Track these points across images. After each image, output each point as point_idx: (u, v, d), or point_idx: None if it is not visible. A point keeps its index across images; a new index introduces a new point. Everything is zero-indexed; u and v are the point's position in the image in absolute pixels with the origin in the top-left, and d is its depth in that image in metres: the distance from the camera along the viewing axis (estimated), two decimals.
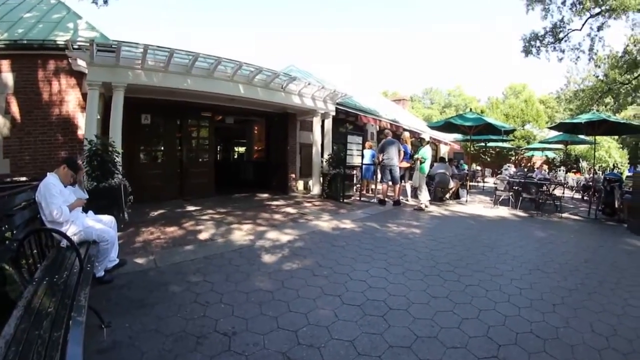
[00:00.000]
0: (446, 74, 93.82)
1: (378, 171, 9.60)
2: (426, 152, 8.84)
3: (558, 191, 11.31)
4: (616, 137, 26.63)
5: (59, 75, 6.98)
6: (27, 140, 6.79)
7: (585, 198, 11.91)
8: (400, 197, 9.25)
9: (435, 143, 20.53)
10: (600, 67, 20.40)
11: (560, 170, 19.50)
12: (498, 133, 12.21)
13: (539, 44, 17.67)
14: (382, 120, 14.79)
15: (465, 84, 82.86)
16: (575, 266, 4.55)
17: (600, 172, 18.30)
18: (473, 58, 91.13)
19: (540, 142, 21.29)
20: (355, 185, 10.57)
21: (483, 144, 22.06)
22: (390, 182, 8.97)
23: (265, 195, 10.21)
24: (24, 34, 6.96)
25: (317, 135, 10.39)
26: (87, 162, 5.43)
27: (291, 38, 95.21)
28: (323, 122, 10.61)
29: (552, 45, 17.47)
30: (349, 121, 13.58)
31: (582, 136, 13.43)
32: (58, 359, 1.49)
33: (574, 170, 21.30)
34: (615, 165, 25.87)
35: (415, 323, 2.86)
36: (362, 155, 9.84)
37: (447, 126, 12.15)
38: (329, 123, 10.71)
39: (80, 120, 6.99)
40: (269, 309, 3.03)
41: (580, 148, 25.08)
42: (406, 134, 10.38)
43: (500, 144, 21.56)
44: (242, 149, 18.95)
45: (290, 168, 11.22)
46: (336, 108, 10.88)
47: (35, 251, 2.80)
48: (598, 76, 21.54)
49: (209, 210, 7.36)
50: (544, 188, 9.44)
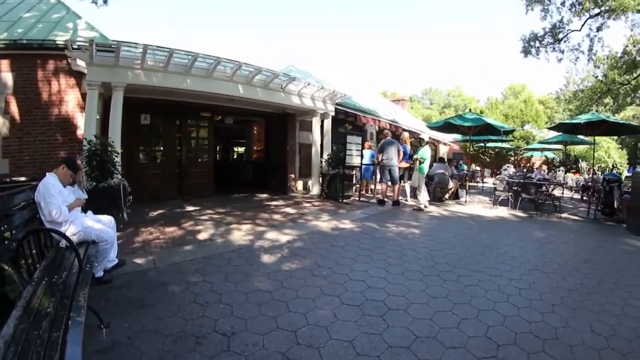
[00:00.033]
0: (445, 74, 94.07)
1: (377, 171, 9.60)
2: (425, 153, 8.85)
3: (557, 191, 11.31)
4: (615, 138, 26.65)
5: (58, 75, 6.98)
6: (27, 140, 6.79)
7: (584, 198, 11.90)
8: (399, 198, 9.25)
9: (434, 143, 20.57)
10: (599, 68, 20.44)
11: (559, 171, 19.51)
12: (497, 133, 12.24)
13: (538, 44, 17.70)
14: (382, 120, 14.81)
15: (465, 84, 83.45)
16: (575, 266, 4.55)
17: (600, 173, 18.26)
18: (472, 58, 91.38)
19: (539, 143, 21.31)
20: (354, 185, 10.57)
21: (482, 145, 22.10)
22: (390, 182, 8.98)
23: (265, 195, 10.21)
24: (24, 34, 6.95)
25: (317, 135, 10.39)
26: (87, 162, 5.43)
27: (291, 38, 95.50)
28: (322, 122, 10.62)
29: (552, 45, 17.50)
30: (348, 121, 13.59)
31: (582, 136, 13.48)
32: (57, 359, 1.49)
33: (573, 171, 21.32)
34: (615, 165, 25.84)
35: (414, 323, 2.86)
36: (362, 156, 9.86)
37: (447, 126, 12.19)
38: (328, 123, 10.72)
39: (80, 120, 6.99)
40: (268, 309, 3.03)
41: (580, 148, 25.09)
42: (405, 134, 10.38)
43: (500, 145, 21.60)
44: (242, 149, 18.98)
45: (290, 168, 11.21)
46: (335, 108, 10.89)
47: (34, 251, 2.80)
48: (597, 77, 21.57)
49: (208, 211, 7.36)
50: (543, 188, 9.44)
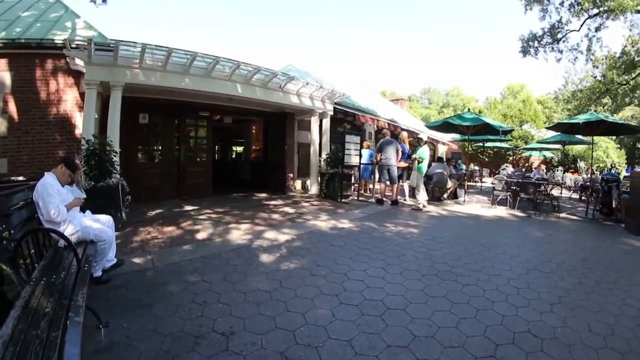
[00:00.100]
0: (444, 74, 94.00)
1: (376, 171, 9.61)
2: (424, 152, 8.85)
3: (556, 191, 11.35)
4: (614, 138, 26.67)
5: (56, 74, 6.96)
6: (25, 140, 6.77)
7: (582, 198, 11.93)
8: (398, 197, 9.26)
9: (433, 143, 20.59)
10: (598, 68, 20.52)
11: (558, 170, 19.55)
12: (496, 133, 12.23)
13: (537, 44, 17.75)
14: (380, 120, 14.81)
15: (464, 84, 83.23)
16: (573, 266, 4.56)
17: (598, 172, 18.33)
18: (471, 58, 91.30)
19: (538, 142, 21.32)
20: (353, 185, 10.57)
21: (481, 144, 22.09)
22: (388, 182, 8.98)
23: (263, 194, 10.21)
24: (22, 33, 6.93)
25: (315, 134, 10.39)
26: (85, 162, 5.42)
27: (290, 38, 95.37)
28: (321, 122, 10.62)
29: (550, 45, 17.56)
30: (347, 121, 13.60)
31: (580, 136, 13.50)
32: (55, 359, 1.49)
33: (572, 170, 21.39)
34: (613, 165, 25.90)
35: (413, 323, 2.87)
36: (360, 155, 9.85)
37: (445, 126, 12.17)
38: (327, 123, 10.72)
39: (78, 119, 6.97)
40: (267, 308, 3.03)
41: (578, 148, 25.14)
42: (404, 133, 10.40)
43: (498, 144, 21.60)
44: (240, 149, 18.96)
45: (288, 168, 11.22)
46: (334, 108, 10.89)
47: (32, 251, 2.79)
48: (596, 77, 21.65)
49: (206, 210, 7.35)
50: (542, 188, 9.46)
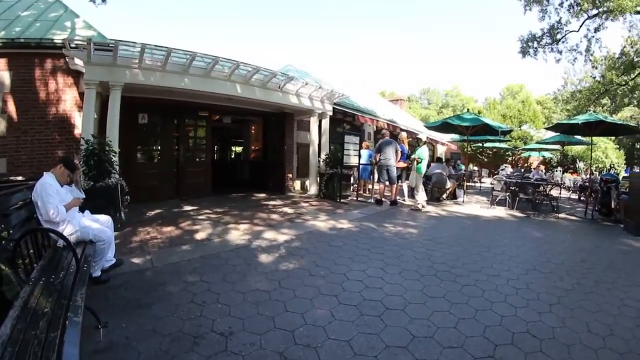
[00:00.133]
0: (444, 74, 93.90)
1: (375, 171, 9.61)
2: (423, 152, 8.86)
3: (555, 191, 11.36)
4: (613, 138, 26.70)
5: (56, 74, 6.95)
6: (24, 140, 6.77)
7: (581, 198, 11.94)
8: (397, 197, 9.26)
9: (432, 143, 20.60)
10: (597, 69, 20.55)
11: (557, 171, 19.57)
12: (495, 133, 12.26)
13: (536, 45, 17.76)
14: (380, 120, 14.82)
15: (463, 84, 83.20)
16: (572, 266, 4.57)
17: (597, 173, 18.34)
18: (470, 59, 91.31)
19: (537, 143, 21.36)
20: (352, 185, 10.58)
21: (480, 145, 22.12)
22: (387, 182, 8.98)
23: (262, 195, 10.20)
24: (21, 33, 6.92)
25: (315, 135, 10.39)
26: (84, 162, 5.41)
27: (289, 38, 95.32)
28: (320, 122, 10.62)
29: (550, 46, 17.57)
30: (346, 121, 13.60)
31: (579, 137, 13.52)
32: (54, 359, 1.49)
33: (571, 171, 21.40)
34: (612, 166, 25.93)
35: (411, 323, 2.87)
36: (359, 155, 9.84)
37: (445, 126, 12.20)
38: (326, 123, 10.72)
39: (77, 119, 6.97)
40: (266, 309, 3.03)
41: (577, 149, 25.17)
42: (403, 134, 10.41)
43: (497, 145, 21.64)
44: (239, 149, 18.95)
45: (288, 168, 11.21)
46: (333, 108, 10.89)
47: (31, 251, 2.78)
48: (595, 77, 21.69)
49: (205, 210, 7.35)
50: (541, 188, 9.47)
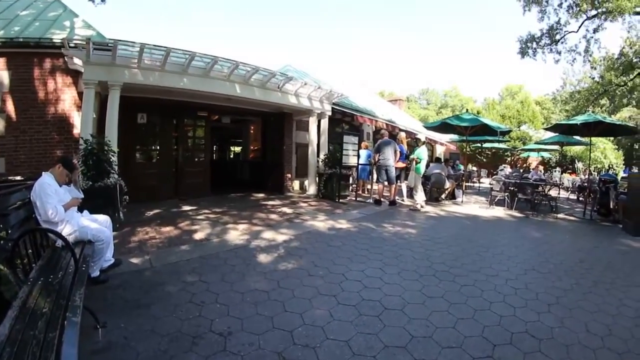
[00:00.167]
0: (443, 74, 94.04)
1: (374, 171, 9.60)
2: (422, 153, 8.86)
3: (553, 192, 11.35)
4: (612, 139, 26.79)
5: (54, 73, 6.94)
6: (23, 139, 6.75)
7: (580, 199, 11.97)
8: (396, 198, 9.27)
9: (431, 143, 20.61)
10: (596, 69, 20.55)
11: (555, 171, 19.58)
12: (494, 134, 12.25)
13: (535, 45, 17.76)
14: (379, 120, 14.82)
15: (462, 84, 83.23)
16: (571, 266, 4.58)
17: (596, 173, 18.37)
18: (470, 59, 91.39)
19: (536, 143, 21.37)
20: (351, 185, 10.57)
21: (479, 145, 22.16)
22: (386, 182, 8.98)
23: (261, 195, 10.20)
24: (20, 32, 6.91)
25: (313, 135, 10.39)
26: (83, 162, 5.40)
27: (289, 38, 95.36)
28: (319, 122, 10.61)
29: (549, 47, 17.57)
30: (345, 121, 13.60)
31: (578, 137, 13.52)
32: (53, 359, 1.49)
33: (570, 171, 21.42)
34: (611, 166, 26.00)
35: (410, 323, 2.87)
36: (358, 156, 9.85)
37: (443, 127, 12.19)
38: (325, 123, 10.71)
39: (76, 119, 6.95)
40: (265, 309, 3.03)
41: (576, 149, 25.22)
42: (402, 134, 10.40)
43: (496, 145, 21.64)
44: (238, 149, 18.93)
45: (286, 168, 11.21)
46: (332, 108, 10.89)
47: (30, 251, 2.78)
48: (594, 78, 21.70)
49: (204, 210, 7.35)
50: (540, 189, 9.49)
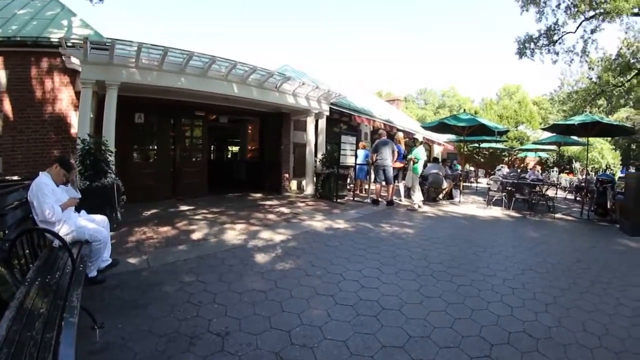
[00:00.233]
0: (440, 74, 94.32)
1: (371, 171, 9.61)
2: (420, 153, 8.87)
3: (551, 192, 11.40)
4: (609, 139, 26.91)
5: (52, 73, 6.92)
6: (20, 139, 6.72)
7: (577, 199, 11.99)
8: (393, 198, 9.27)
9: (428, 143, 20.62)
10: (593, 70, 20.62)
11: (553, 171, 19.65)
12: (491, 134, 12.27)
13: (533, 46, 17.78)
14: (376, 120, 14.83)
15: (460, 84, 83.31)
16: (568, 266, 4.59)
17: (593, 173, 18.46)
18: (467, 59, 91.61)
19: (533, 143, 21.44)
20: (348, 185, 10.58)
21: (476, 145, 22.21)
22: (384, 182, 8.99)
23: (259, 195, 10.20)
24: (18, 31, 6.88)
25: (311, 135, 10.39)
26: (80, 161, 5.39)
27: (287, 37, 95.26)
28: (317, 122, 10.62)
29: (547, 47, 17.59)
30: (342, 121, 13.61)
31: (575, 137, 13.56)
32: None
33: (567, 171, 21.49)
34: (608, 166, 26.12)
35: (408, 323, 2.88)
36: (356, 156, 9.85)
37: (441, 127, 12.21)
38: (322, 123, 10.72)
39: (74, 118, 6.93)
40: (262, 309, 3.02)
41: (573, 149, 25.32)
42: (400, 134, 10.42)
43: (494, 145, 21.70)
44: (236, 149, 18.86)
45: (284, 168, 11.20)
46: (330, 108, 10.89)
47: (27, 251, 2.78)
48: (591, 78, 21.76)
49: (202, 210, 7.33)
50: (537, 189, 9.51)
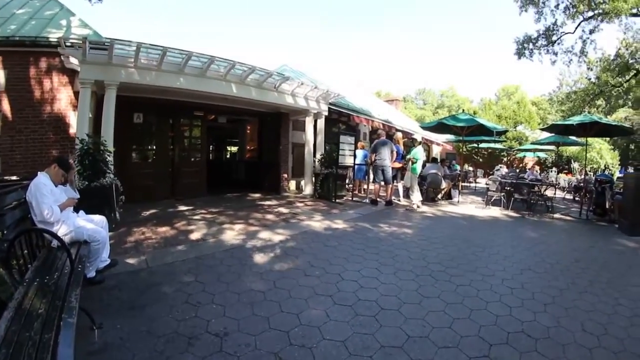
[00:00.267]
0: (439, 74, 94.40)
1: (370, 171, 9.62)
2: (418, 153, 8.89)
3: (550, 192, 11.40)
4: (607, 139, 26.95)
5: (51, 72, 6.90)
6: (18, 139, 6.70)
7: (576, 199, 12.01)
8: (392, 198, 9.28)
9: (427, 143, 20.64)
10: (592, 70, 20.65)
11: (552, 171, 19.67)
12: (490, 134, 12.29)
13: (532, 46, 17.81)
14: (375, 120, 14.82)
15: (458, 85, 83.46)
16: (567, 266, 4.60)
17: (592, 173, 18.48)
18: (466, 59, 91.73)
19: (532, 143, 21.45)
20: (347, 185, 10.57)
21: (475, 145, 22.20)
22: (383, 183, 8.99)
23: (258, 195, 10.19)
24: (16, 31, 6.86)
25: (310, 135, 10.38)
26: (79, 161, 5.38)
27: (286, 37, 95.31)
28: (316, 122, 10.61)
29: (545, 48, 17.61)
30: (341, 121, 13.60)
31: (574, 138, 13.58)
32: None
33: (566, 171, 21.51)
34: (607, 166, 26.16)
35: (406, 323, 2.88)
36: (355, 156, 9.85)
37: (440, 127, 12.22)
38: (321, 123, 10.72)
39: (72, 118, 6.92)
40: (261, 309, 3.02)
41: (572, 149, 25.32)
42: (399, 134, 10.42)
43: (493, 145, 21.71)
44: (235, 149, 18.86)
45: (283, 168, 11.20)
46: (329, 108, 10.89)
47: (25, 252, 2.77)
48: (590, 79, 21.78)
49: (200, 210, 7.32)
50: (536, 189, 9.52)
